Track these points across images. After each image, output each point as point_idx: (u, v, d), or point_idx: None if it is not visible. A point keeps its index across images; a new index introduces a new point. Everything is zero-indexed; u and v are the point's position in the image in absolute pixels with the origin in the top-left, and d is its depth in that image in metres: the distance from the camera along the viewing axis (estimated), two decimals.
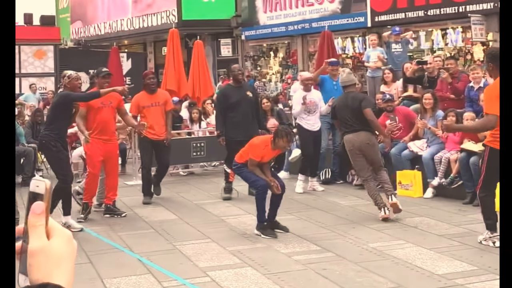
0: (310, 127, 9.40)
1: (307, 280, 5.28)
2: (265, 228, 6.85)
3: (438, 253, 5.88)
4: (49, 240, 1.03)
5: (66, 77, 7.41)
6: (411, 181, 8.75)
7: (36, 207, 1.03)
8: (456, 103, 9.33)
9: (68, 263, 1.03)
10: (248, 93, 9.20)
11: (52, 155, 7.31)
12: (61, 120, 7.35)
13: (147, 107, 8.78)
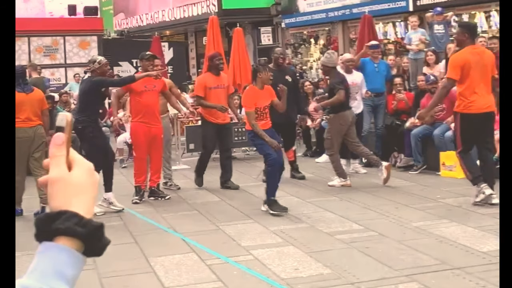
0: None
1: (350, 258, 5.30)
2: (273, 203, 6.97)
3: (483, 231, 5.82)
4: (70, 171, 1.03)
5: (96, 63, 7.53)
6: (455, 162, 8.63)
7: (57, 138, 1.02)
8: None
9: (88, 193, 1.03)
10: (288, 77, 9.20)
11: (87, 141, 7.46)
12: (95, 105, 7.55)
13: (213, 88, 8.62)
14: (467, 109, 6.86)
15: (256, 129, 7.01)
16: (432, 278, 4.66)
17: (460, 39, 7.15)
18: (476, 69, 6.81)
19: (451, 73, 6.97)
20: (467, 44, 6.97)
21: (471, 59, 6.82)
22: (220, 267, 5.22)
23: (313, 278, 4.83)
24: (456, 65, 6.88)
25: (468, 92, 6.85)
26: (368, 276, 4.78)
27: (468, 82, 6.81)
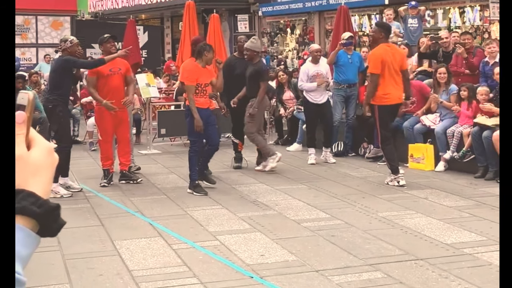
0: (315, 100, 9.43)
1: (315, 245, 5.33)
2: (196, 186, 7.35)
3: (448, 224, 5.90)
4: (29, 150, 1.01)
5: (68, 42, 7.46)
6: (423, 154, 8.77)
7: (17, 116, 1.01)
8: (471, 78, 9.26)
9: (46, 173, 1.01)
10: None
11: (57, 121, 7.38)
12: (66, 85, 7.48)
13: None
14: (384, 101, 7.60)
15: (192, 104, 7.30)
16: (396, 268, 4.71)
17: (376, 37, 7.84)
18: (391, 65, 7.61)
19: (374, 69, 7.67)
20: (382, 42, 7.74)
21: (387, 56, 7.62)
22: (186, 251, 5.22)
23: (278, 264, 4.85)
24: (377, 61, 7.61)
25: (384, 86, 7.58)
26: (332, 264, 4.82)
27: (384, 76, 7.57)
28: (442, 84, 9.05)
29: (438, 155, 8.68)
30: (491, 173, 7.92)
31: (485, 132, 7.98)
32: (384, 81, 7.62)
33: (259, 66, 8.75)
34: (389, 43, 8.03)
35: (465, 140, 8.36)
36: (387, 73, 7.64)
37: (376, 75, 7.66)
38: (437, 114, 9.05)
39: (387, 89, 7.62)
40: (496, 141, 7.80)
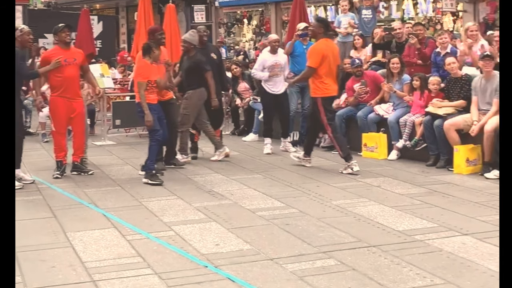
0: (272, 90, 9.48)
1: (270, 234, 5.36)
2: (153, 175, 7.44)
3: (400, 211, 6.01)
4: None
5: (18, 31, 7.30)
6: (376, 143, 8.92)
7: None
8: (423, 68, 9.43)
9: None
10: (213, 55, 9.23)
11: None
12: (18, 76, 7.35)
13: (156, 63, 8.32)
14: (325, 93, 7.93)
15: (142, 100, 7.40)
16: (349, 255, 4.78)
17: (316, 31, 8.07)
18: (331, 59, 7.92)
19: (312, 62, 7.89)
20: (321, 37, 8.00)
21: (327, 51, 7.90)
22: (140, 242, 5.19)
23: (233, 253, 4.86)
24: (317, 55, 7.85)
25: (325, 79, 7.88)
26: (286, 252, 4.85)
27: (325, 70, 7.86)
28: (395, 74, 9.21)
29: (391, 144, 8.84)
30: (442, 161, 8.10)
31: (436, 121, 8.15)
32: (325, 74, 7.88)
33: (197, 59, 8.74)
34: (327, 38, 8.24)
35: (417, 129, 8.53)
36: (327, 67, 7.92)
37: (312, 69, 7.90)
38: (390, 103, 9.20)
39: (328, 82, 7.93)
40: (447, 130, 7.97)
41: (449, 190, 6.87)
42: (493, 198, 6.43)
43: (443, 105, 8.31)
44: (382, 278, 4.26)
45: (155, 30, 8.43)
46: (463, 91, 8.28)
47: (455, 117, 8.05)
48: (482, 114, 7.85)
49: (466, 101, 8.19)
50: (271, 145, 9.51)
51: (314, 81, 8.01)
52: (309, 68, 7.98)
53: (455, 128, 7.95)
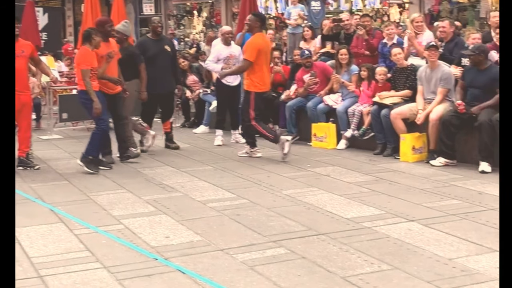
0: (228, 82, 9.48)
1: (220, 225, 5.37)
2: (90, 162, 7.51)
3: (348, 199, 6.09)
4: None
5: None
6: (326, 133, 9.03)
7: None
8: (371, 59, 9.58)
9: None
10: (166, 47, 9.15)
11: None
12: None
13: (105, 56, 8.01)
14: (259, 89, 8.07)
15: (89, 87, 7.37)
16: (298, 243, 4.82)
17: (253, 25, 8.10)
18: (267, 53, 8.12)
19: (250, 56, 7.94)
20: (258, 31, 8.08)
21: (263, 45, 8.04)
22: (89, 236, 5.11)
23: (183, 245, 4.85)
24: (254, 49, 7.92)
25: (261, 74, 8.01)
26: (237, 243, 4.86)
27: (260, 64, 7.97)
28: (343, 65, 9.32)
29: (340, 133, 8.96)
30: (389, 150, 8.25)
31: (383, 111, 8.29)
32: (260, 69, 8.01)
33: (130, 51, 8.68)
34: (262, 33, 8.38)
35: (365, 119, 8.67)
36: (264, 62, 8.05)
37: (249, 62, 7.95)
38: (339, 94, 9.31)
39: (263, 77, 8.08)
40: (394, 119, 8.12)
41: (395, 178, 7.00)
42: (439, 185, 6.60)
43: (390, 95, 8.46)
44: (331, 266, 4.31)
45: (105, 22, 8.30)
46: (409, 81, 8.44)
47: (401, 106, 8.21)
48: (427, 103, 8.02)
49: (412, 91, 8.35)
50: (222, 136, 9.51)
51: (249, 75, 8.09)
52: (246, 61, 8.03)
53: (401, 117, 8.10)
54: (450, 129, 7.50)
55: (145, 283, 4.11)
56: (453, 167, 7.44)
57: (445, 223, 5.23)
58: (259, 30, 8.15)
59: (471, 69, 7.68)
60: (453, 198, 6.02)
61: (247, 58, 8.01)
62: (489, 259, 4.31)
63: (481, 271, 4.10)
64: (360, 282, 3.98)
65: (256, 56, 7.94)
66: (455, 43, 8.76)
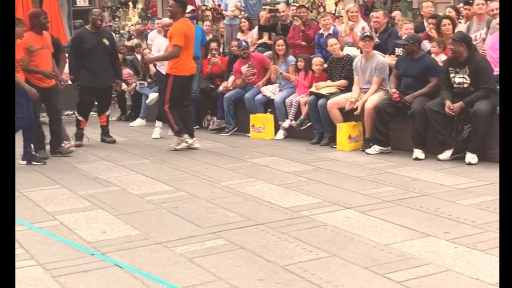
0: None
1: (159, 218, 5.31)
2: (34, 156, 7.58)
3: (286, 189, 6.13)
4: None
5: None
6: (264, 124, 9.07)
7: None
8: (307, 49, 9.65)
9: None
10: (105, 40, 8.99)
11: None
12: None
13: (39, 49, 7.81)
14: (181, 72, 8.09)
15: (17, 78, 7.14)
16: (237, 234, 4.82)
17: (175, 11, 8.16)
18: (191, 38, 8.18)
19: (178, 41, 7.97)
20: (180, 16, 8.15)
21: (188, 30, 8.13)
22: (22, 233, 4.97)
23: (121, 240, 4.77)
24: (181, 34, 7.98)
25: (183, 57, 8.04)
26: (176, 235, 4.82)
27: (184, 48, 8.00)
28: (280, 56, 9.37)
29: (278, 124, 9.01)
30: (326, 139, 8.36)
31: (320, 101, 8.38)
32: (185, 53, 8.05)
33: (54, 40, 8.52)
34: (186, 18, 8.44)
35: (303, 109, 8.74)
36: (189, 46, 8.12)
37: (179, 47, 7.98)
38: (277, 84, 9.35)
39: (185, 61, 8.09)
40: (330, 109, 8.22)
41: (332, 167, 7.10)
42: (374, 172, 6.72)
43: (326, 85, 8.56)
44: (270, 255, 4.33)
45: (39, 14, 8.05)
46: (345, 71, 8.56)
47: (337, 96, 8.32)
48: (363, 93, 8.15)
49: (348, 81, 8.47)
50: (161, 129, 9.41)
51: (172, 59, 8.11)
52: (176, 47, 8.01)
53: (337, 107, 8.20)
54: (385, 118, 7.65)
55: (81, 279, 4.03)
56: (388, 154, 7.60)
57: (381, 209, 5.33)
58: (182, 16, 8.20)
59: (405, 58, 7.85)
60: (388, 185, 6.15)
61: (176, 43, 7.99)
62: (423, 244, 4.42)
63: (416, 256, 4.19)
64: (298, 270, 4.01)
65: (184, 40, 7.98)
66: (389, 33, 8.94)
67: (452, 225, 4.84)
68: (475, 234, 4.60)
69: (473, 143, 6.94)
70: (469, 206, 5.35)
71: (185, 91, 8.32)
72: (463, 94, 7.06)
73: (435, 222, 4.92)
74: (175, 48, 8.01)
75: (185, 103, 8.40)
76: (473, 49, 7.39)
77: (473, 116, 6.90)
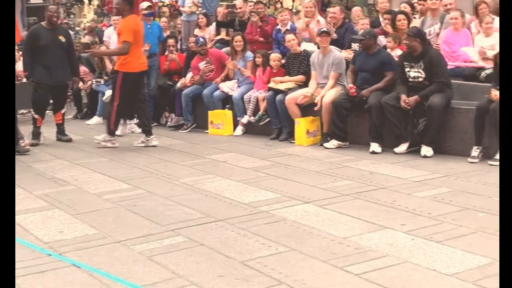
0: None
1: (117, 217, 5.25)
2: None
3: (245, 184, 6.13)
4: None
5: None
6: (222, 120, 9.05)
7: None
8: (265, 45, 9.67)
9: None
10: (61, 37, 8.86)
11: None
12: None
13: None
14: (130, 68, 8.01)
15: None
16: (197, 231, 4.80)
17: (121, 9, 8.19)
18: (139, 35, 8.13)
19: (127, 37, 7.94)
20: (128, 13, 8.14)
21: (137, 26, 8.12)
22: None
23: (78, 239, 4.70)
24: (130, 30, 7.95)
25: (132, 54, 7.97)
26: (134, 234, 4.78)
27: (134, 45, 7.95)
28: (238, 52, 9.36)
29: (237, 120, 9.00)
30: (284, 134, 8.40)
31: (278, 96, 8.41)
32: (134, 49, 7.98)
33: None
34: (134, 15, 8.41)
35: (261, 105, 8.76)
36: (138, 43, 8.09)
37: (129, 44, 7.92)
38: (235, 80, 9.35)
39: (134, 58, 8.01)
40: (289, 104, 8.26)
41: (291, 162, 7.14)
42: (332, 167, 6.78)
43: (284, 80, 8.59)
44: (230, 251, 4.32)
45: None
46: (303, 67, 8.60)
47: (295, 91, 8.36)
48: (320, 88, 8.21)
49: (305, 76, 8.52)
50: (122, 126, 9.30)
51: (121, 56, 8.07)
52: (126, 43, 7.95)
53: (295, 102, 8.25)
54: (342, 112, 7.72)
55: (38, 280, 3.95)
56: (346, 148, 7.68)
57: (339, 203, 5.38)
58: (130, 13, 8.16)
59: (361, 53, 7.94)
60: (346, 179, 6.21)
61: (126, 39, 7.93)
62: (381, 236, 4.47)
63: (374, 248, 4.24)
64: (258, 266, 4.02)
65: (133, 37, 7.92)
66: (346, 28, 9.03)
67: (409, 217, 4.92)
68: (431, 225, 4.68)
69: (428, 136, 7.07)
70: (425, 198, 5.45)
71: (136, 88, 8.20)
72: (418, 88, 7.18)
73: (392, 215, 4.99)
74: (125, 44, 7.96)
75: (140, 99, 8.32)
76: (427, 44, 7.52)
77: (428, 109, 7.02)
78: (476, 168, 6.46)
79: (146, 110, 8.54)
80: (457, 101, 7.26)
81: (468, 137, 6.87)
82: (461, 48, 8.08)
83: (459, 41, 8.14)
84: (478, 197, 5.41)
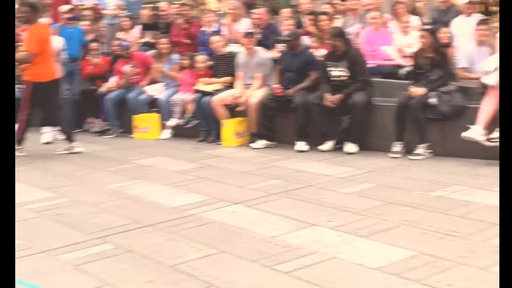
0: None
1: (41, 227, 5.11)
2: None
3: (174, 188, 6.09)
4: None
5: None
6: (149, 124, 8.95)
7: None
8: (191, 47, 9.65)
9: None
10: None
11: None
12: None
13: None
14: (39, 78, 7.71)
15: None
16: (124, 237, 4.72)
17: (29, 17, 7.81)
18: (47, 43, 7.81)
19: (33, 47, 7.63)
20: (35, 21, 7.80)
21: (46, 34, 7.88)
22: None
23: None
24: (37, 40, 7.66)
25: (39, 62, 7.65)
26: (60, 243, 4.66)
27: (43, 54, 7.67)
28: (164, 54, 9.30)
29: (164, 123, 8.92)
30: (212, 136, 8.40)
31: (204, 98, 8.39)
32: (41, 59, 7.69)
33: None
34: (41, 22, 8.15)
35: (188, 107, 8.72)
36: (48, 51, 7.82)
37: (32, 54, 7.63)
38: (162, 83, 9.28)
39: (43, 67, 7.73)
40: (215, 106, 8.26)
41: (219, 163, 7.14)
42: (260, 166, 6.83)
43: (211, 81, 8.59)
44: (159, 256, 4.28)
45: None
46: (230, 68, 8.62)
47: (222, 93, 8.37)
48: (246, 88, 8.25)
49: (232, 77, 8.54)
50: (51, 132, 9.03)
51: (29, 65, 7.78)
52: (29, 53, 7.65)
53: (222, 103, 8.26)
54: (269, 112, 7.79)
55: None
56: (273, 148, 7.75)
57: (267, 202, 5.42)
58: (37, 20, 7.86)
59: (287, 53, 8.03)
60: (274, 178, 6.27)
61: (31, 49, 7.64)
62: (308, 233, 4.54)
63: (302, 246, 4.29)
64: (188, 269, 4.00)
65: (40, 47, 7.64)
66: (270, 29, 9.11)
67: (335, 213, 5.01)
68: (356, 221, 4.79)
69: (352, 133, 7.23)
70: (350, 194, 5.56)
71: (48, 96, 7.90)
72: (342, 87, 7.33)
73: (319, 212, 5.07)
74: (28, 54, 7.67)
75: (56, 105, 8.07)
76: (349, 43, 7.69)
77: (351, 107, 7.18)
78: (398, 163, 6.66)
79: (65, 116, 8.34)
80: (378, 98, 7.46)
81: (389, 133, 7.07)
82: (381, 47, 8.31)
83: (379, 40, 8.38)
84: (400, 191, 5.57)
